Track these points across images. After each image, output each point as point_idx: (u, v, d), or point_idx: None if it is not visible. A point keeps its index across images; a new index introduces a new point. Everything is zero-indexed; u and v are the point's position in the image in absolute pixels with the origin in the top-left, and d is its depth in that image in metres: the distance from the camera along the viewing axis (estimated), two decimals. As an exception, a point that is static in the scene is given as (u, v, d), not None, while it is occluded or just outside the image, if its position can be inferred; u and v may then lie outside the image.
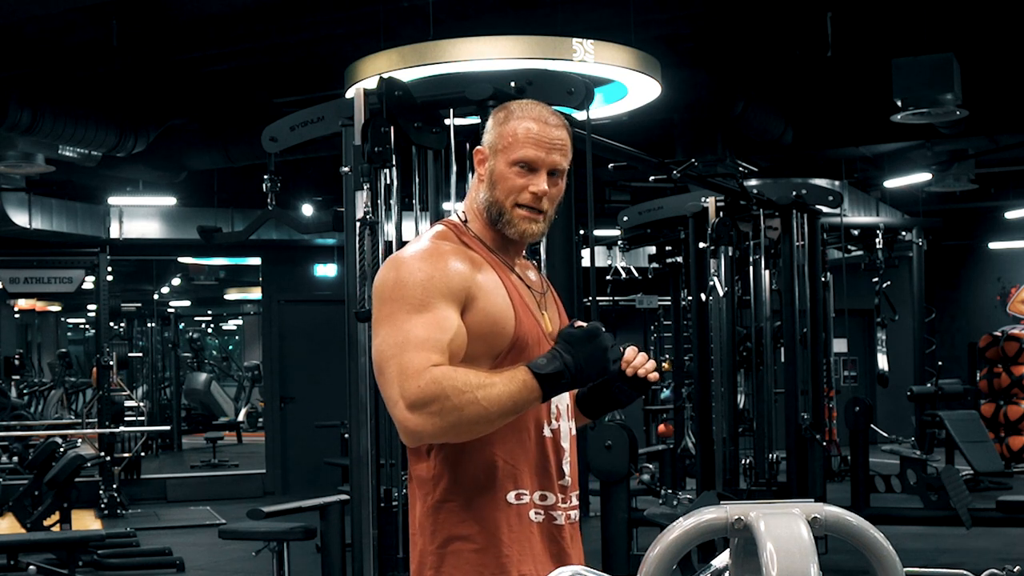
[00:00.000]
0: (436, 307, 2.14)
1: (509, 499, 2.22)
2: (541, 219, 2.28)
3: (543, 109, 2.31)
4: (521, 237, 2.30)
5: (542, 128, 2.26)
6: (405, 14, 7.52)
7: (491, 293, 2.21)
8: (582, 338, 2.14)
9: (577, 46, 6.09)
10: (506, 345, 2.21)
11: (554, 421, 2.29)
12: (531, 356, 2.20)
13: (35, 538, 7.77)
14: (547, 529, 2.26)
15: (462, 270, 2.19)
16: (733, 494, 7.25)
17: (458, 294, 2.17)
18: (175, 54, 8.68)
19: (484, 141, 2.33)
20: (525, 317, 2.25)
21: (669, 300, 9.95)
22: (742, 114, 9.23)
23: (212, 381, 19.34)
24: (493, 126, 2.31)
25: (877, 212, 12.35)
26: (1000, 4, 8.44)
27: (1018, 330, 13.79)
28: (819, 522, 1.39)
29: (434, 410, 2.06)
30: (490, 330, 2.19)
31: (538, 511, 2.25)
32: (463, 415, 2.06)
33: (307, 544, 6.35)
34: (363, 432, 4.39)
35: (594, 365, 2.13)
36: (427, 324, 2.12)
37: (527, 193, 2.26)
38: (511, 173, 2.26)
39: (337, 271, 13.29)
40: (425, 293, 2.15)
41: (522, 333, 2.23)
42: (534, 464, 2.24)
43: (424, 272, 2.17)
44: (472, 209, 2.34)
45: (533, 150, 2.25)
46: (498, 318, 2.21)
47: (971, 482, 10.39)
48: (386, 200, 4.47)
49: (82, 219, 12.16)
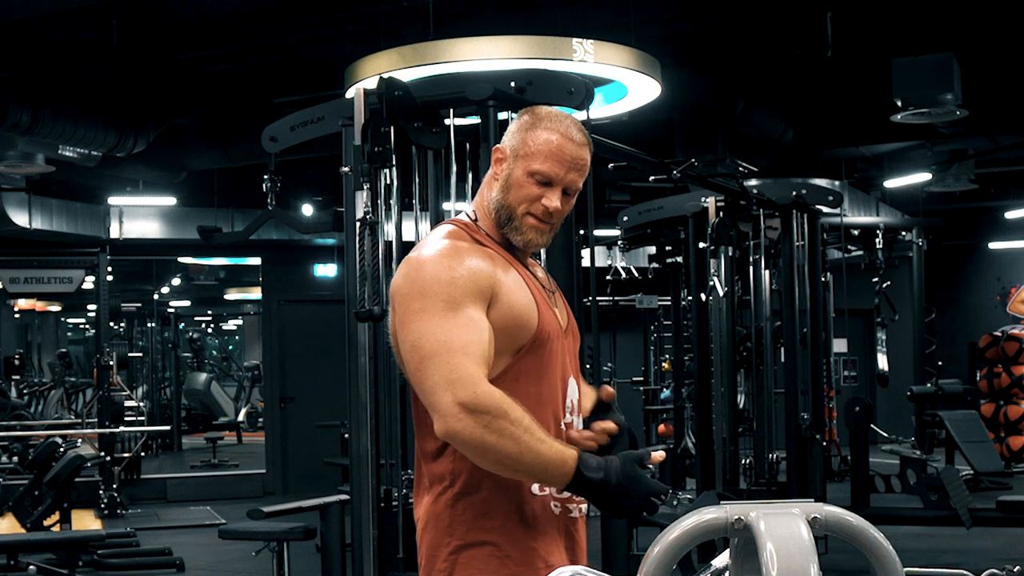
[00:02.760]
0: (467, 307, 2.15)
1: (534, 490, 2.22)
2: (548, 230, 2.30)
3: (571, 124, 2.28)
4: (525, 245, 2.31)
5: (566, 144, 2.25)
6: (405, 14, 7.52)
7: (514, 289, 2.23)
8: (639, 479, 2.12)
9: (577, 46, 6.08)
10: (528, 339, 2.22)
11: (568, 415, 2.30)
12: (551, 351, 2.24)
13: (35, 538, 7.77)
14: (563, 522, 2.28)
15: (485, 267, 2.20)
16: (733, 494, 7.25)
17: (484, 291, 2.18)
18: (175, 54, 8.68)
19: (505, 141, 2.32)
20: (546, 312, 2.27)
21: (669, 300, 9.94)
22: (742, 114, 9.23)
23: (212, 381, 19.33)
24: (518, 129, 2.30)
25: (877, 212, 12.34)
26: (1000, 4, 8.44)
27: (1018, 330, 13.78)
28: (819, 522, 1.39)
29: (483, 421, 2.07)
30: (514, 323, 2.21)
31: (556, 503, 2.26)
32: (500, 441, 2.07)
33: (307, 544, 6.36)
34: (363, 432, 4.39)
35: (626, 504, 2.13)
36: (466, 327, 2.13)
37: (539, 205, 2.26)
38: (527, 182, 2.26)
39: (337, 271, 13.29)
40: (456, 291, 2.15)
41: (544, 327, 2.24)
42: None
43: (453, 270, 2.17)
44: (482, 207, 2.35)
45: (553, 165, 2.24)
46: (521, 313, 2.22)
47: (971, 482, 10.39)
48: (386, 200, 4.47)
49: (82, 219, 12.16)
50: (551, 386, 2.27)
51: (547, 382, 2.26)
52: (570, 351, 2.35)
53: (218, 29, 8.14)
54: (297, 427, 13.05)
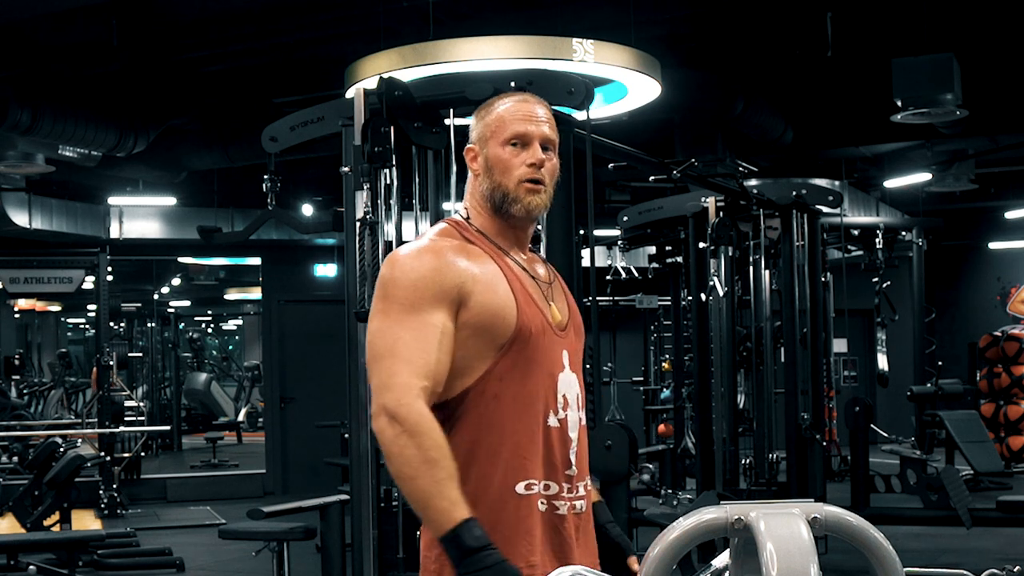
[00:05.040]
0: (424, 310, 2.19)
1: (519, 490, 2.23)
2: (543, 190, 2.33)
3: (521, 93, 2.42)
4: (527, 212, 2.33)
5: (525, 107, 2.35)
6: (405, 14, 7.52)
7: (490, 285, 2.24)
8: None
9: (577, 46, 6.09)
10: (509, 336, 2.23)
11: (561, 411, 2.29)
12: (536, 346, 2.24)
13: (35, 538, 7.77)
14: (550, 519, 2.27)
15: (456, 267, 2.23)
16: (733, 494, 7.26)
17: (449, 293, 2.21)
18: (175, 54, 8.68)
19: (472, 138, 2.40)
20: (527, 307, 2.26)
21: (669, 300, 9.94)
22: (742, 114, 9.23)
23: (212, 381, 19.33)
24: (477, 120, 2.40)
25: (877, 212, 12.34)
26: (1000, 4, 8.44)
27: (1018, 330, 13.79)
28: (819, 522, 1.39)
29: (396, 431, 2.11)
30: (491, 321, 2.22)
31: (543, 501, 2.26)
32: (401, 457, 2.11)
33: (307, 544, 6.35)
34: (363, 432, 4.39)
35: None
36: (417, 331, 2.18)
37: (525, 168, 2.31)
38: (506, 153, 2.32)
39: (337, 271, 13.29)
40: (415, 294, 2.20)
41: (524, 323, 2.24)
42: (542, 454, 2.25)
43: (416, 272, 2.22)
44: (473, 205, 2.38)
45: (522, 125, 2.32)
46: (498, 310, 2.23)
47: (971, 482, 10.39)
48: (386, 200, 4.47)
49: (82, 219, 12.16)
50: (537, 383, 2.26)
51: (533, 380, 2.25)
52: (570, 346, 2.34)
53: (218, 29, 8.14)
54: (297, 427, 13.05)
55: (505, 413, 2.23)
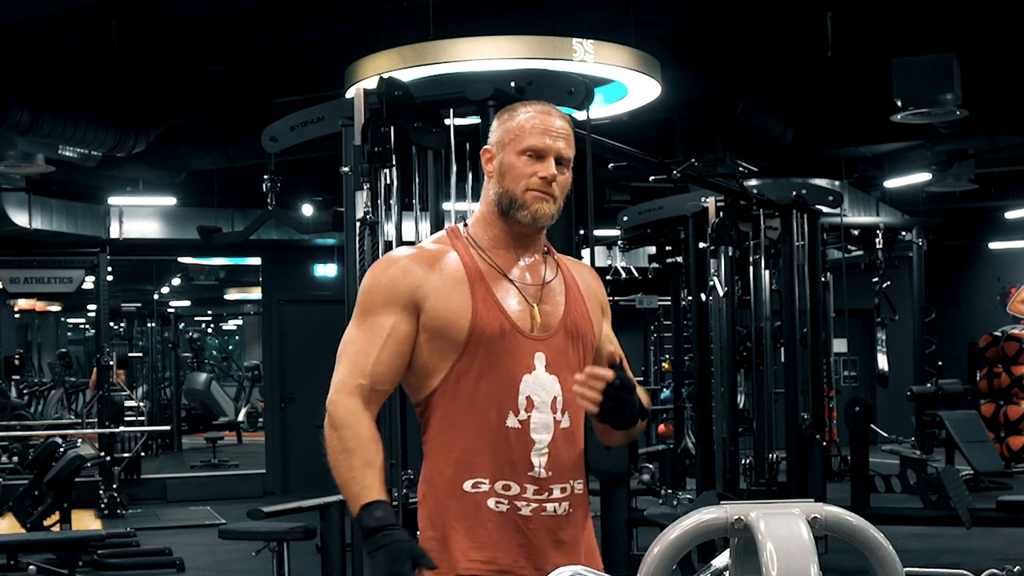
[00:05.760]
0: (377, 315, 2.33)
1: (466, 487, 2.30)
2: (551, 200, 2.36)
3: (545, 105, 2.44)
4: (534, 219, 2.35)
5: (545, 119, 2.38)
6: (405, 14, 7.51)
7: (445, 291, 2.32)
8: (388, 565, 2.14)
9: (577, 46, 6.08)
10: (463, 338, 2.30)
11: (523, 412, 2.30)
12: (493, 349, 2.29)
13: (35, 538, 7.77)
14: (511, 519, 2.29)
15: (413, 274, 2.34)
16: (733, 494, 7.26)
17: (401, 297, 2.32)
18: (175, 54, 8.68)
19: (490, 140, 2.43)
20: (486, 311, 2.30)
21: (669, 300, 9.94)
22: (742, 114, 9.22)
23: (212, 381, 19.32)
24: (498, 125, 2.42)
25: (877, 212, 12.34)
26: (1000, 4, 8.43)
27: (1018, 330, 13.78)
28: (819, 522, 1.39)
29: (329, 423, 2.35)
30: (444, 325, 2.31)
31: (500, 501, 2.29)
32: (329, 447, 2.35)
33: (307, 544, 6.35)
34: (363, 432, 4.38)
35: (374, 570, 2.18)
36: (366, 334, 2.33)
37: (536, 178, 2.34)
38: (520, 162, 2.35)
39: (337, 271, 13.28)
40: (371, 299, 2.36)
41: (479, 326, 2.29)
42: (493, 454, 2.28)
43: (375, 279, 2.37)
44: (481, 209, 2.43)
45: (539, 139, 2.35)
46: (449, 314, 2.31)
47: (971, 482, 10.39)
48: (386, 200, 4.47)
49: (82, 219, 12.16)
50: (495, 385, 2.29)
51: (489, 381, 2.29)
52: (551, 348, 2.33)
53: (218, 29, 8.14)
54: (297, 427, 13.03)
55: (459, 413, 2.30)
